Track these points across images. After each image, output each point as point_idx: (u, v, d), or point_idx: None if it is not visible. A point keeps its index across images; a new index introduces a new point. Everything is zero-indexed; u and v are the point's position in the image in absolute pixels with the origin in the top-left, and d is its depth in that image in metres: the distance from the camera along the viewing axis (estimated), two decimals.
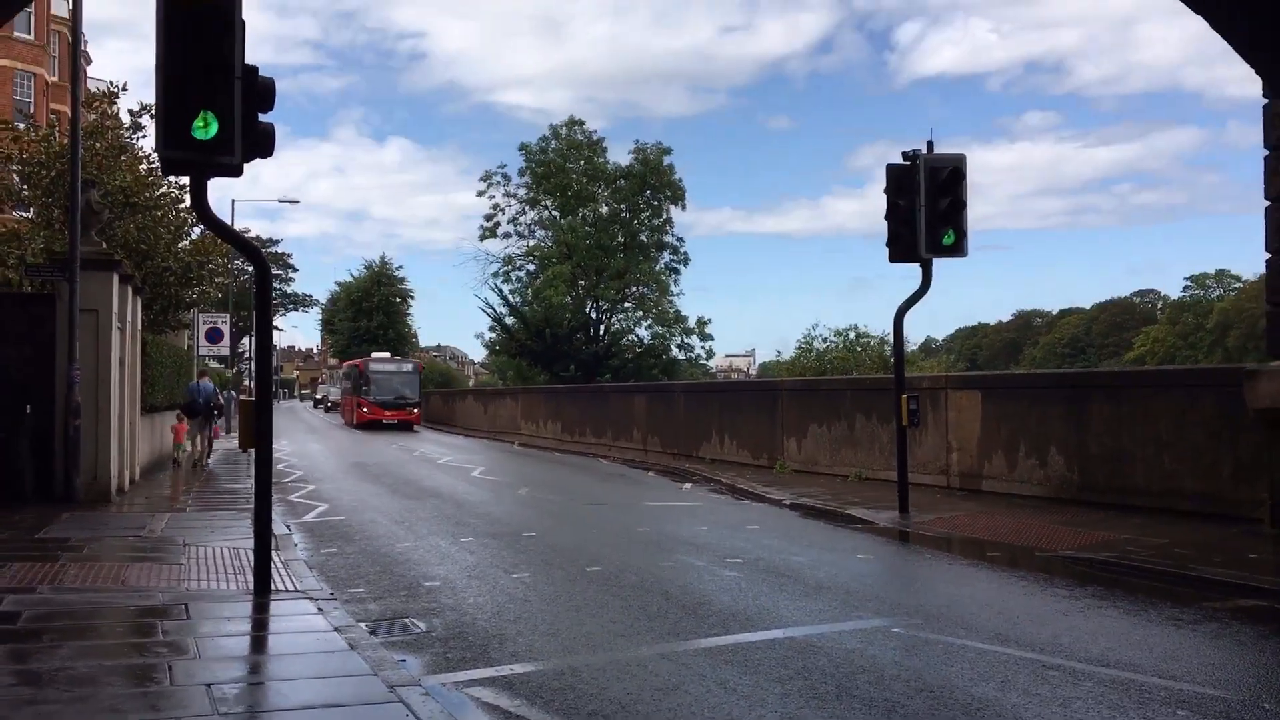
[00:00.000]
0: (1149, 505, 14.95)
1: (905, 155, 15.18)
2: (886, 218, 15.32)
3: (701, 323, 61.11)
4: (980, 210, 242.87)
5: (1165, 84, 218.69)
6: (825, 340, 42.28)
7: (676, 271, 61.69)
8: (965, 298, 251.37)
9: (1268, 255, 13.94)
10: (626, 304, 60.90)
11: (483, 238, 61.52)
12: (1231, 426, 14.08)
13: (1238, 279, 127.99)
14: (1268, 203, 13.88)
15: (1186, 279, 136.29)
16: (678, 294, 61.60)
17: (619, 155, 62.15)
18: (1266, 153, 13.86)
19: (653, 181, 59.17)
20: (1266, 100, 13.87)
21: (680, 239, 62.30)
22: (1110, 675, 7.17)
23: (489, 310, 58.09)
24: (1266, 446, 13.38)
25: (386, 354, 61.06)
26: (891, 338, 17.23)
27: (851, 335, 41.87)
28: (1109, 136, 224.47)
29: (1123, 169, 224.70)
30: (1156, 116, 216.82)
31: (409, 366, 54.27)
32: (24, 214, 25.49)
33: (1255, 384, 13.24)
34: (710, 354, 65.41)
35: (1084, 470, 16.31)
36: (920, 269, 15.33)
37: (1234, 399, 13.73)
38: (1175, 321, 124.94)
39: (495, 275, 60.39)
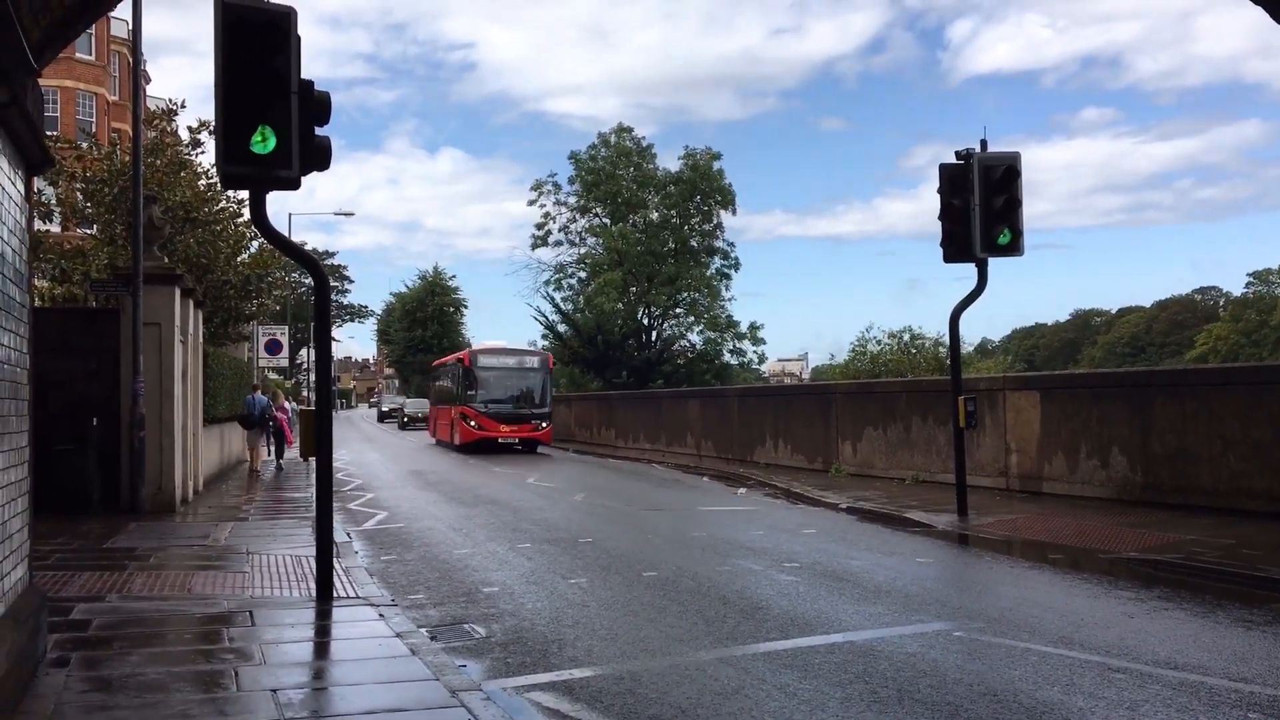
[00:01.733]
0: (1215, 505, 14.66)
1: (959, 154, 15.05)
2: (941, 217, 15.19)
3: (754, 327, 60.99)
4: (1037, 208, 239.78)
5: (1226, 77, 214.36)
6: (879, 343, 42.08)
7: (728, 276, 61.62)
8: (1022, 297, 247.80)
9: None
10: (678, 309, 60.86)
11: (534, 246, 61.91)
12: None
13: None
14: None
15: (1249, 275, 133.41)
16: (729, 299, 61.50)
17: (669, 161, 62.38)
18: None
19: (703, 187, 59.14)
20: None
21: (731, 243, 62.36)
22: (1178, 678, 7.04)
23: (541, 318, 58.28)
24: None
25: (502, 343, 43.69)
26: (947, 339, 17.07)
27: (906, 337, 41.64)
28: (1169, 131, 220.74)
29: (1183, 164, 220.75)
30: (1217, 110, 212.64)
31: (534, 361, 38.88)
32: (88, 231, 26.06)
33: None
34: (763, 358, 65.22)
35: (1147, 470, 16.04)
36: (976, 269, 15.18)
37: None
38: (1238, 319, 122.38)
39: (547, 283, 60.73)
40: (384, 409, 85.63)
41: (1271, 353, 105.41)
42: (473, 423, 36.20)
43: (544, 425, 37.14)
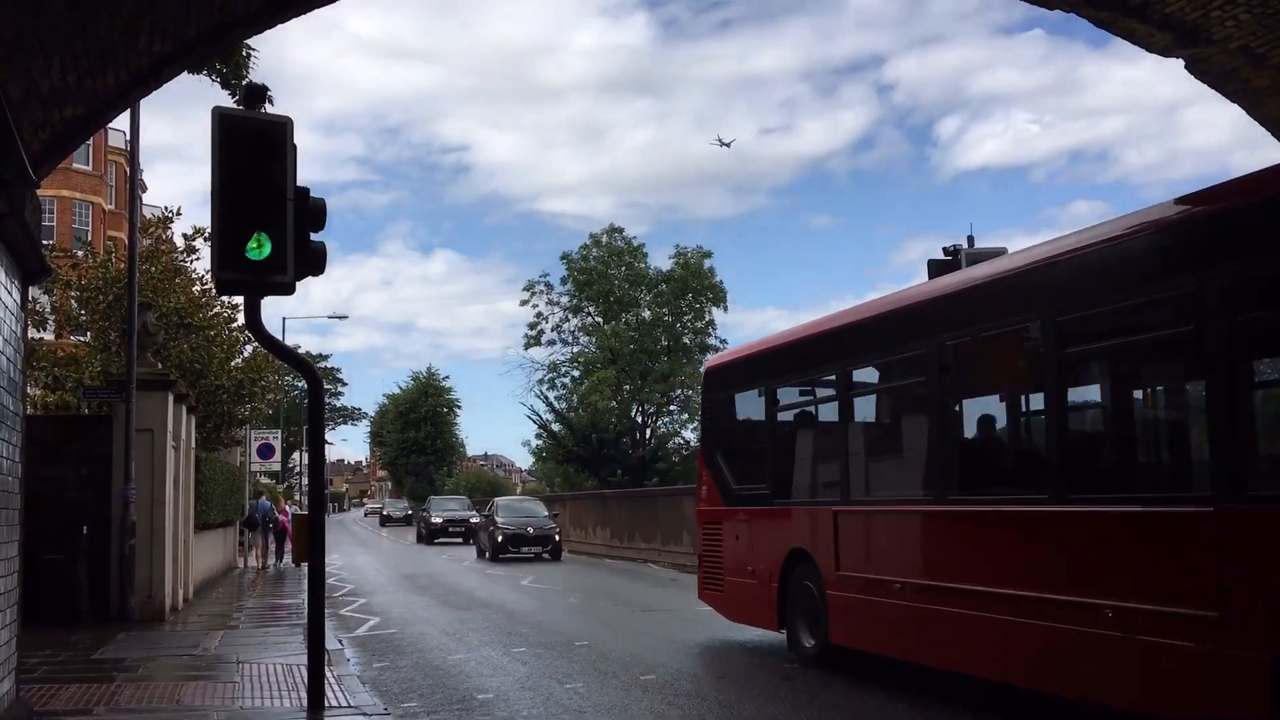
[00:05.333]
0: None
1: (946, 250, 15.26)
2: None
3: None
4: None
5: (1213, 168, 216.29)
6: None
7: None
8: None
9: None
10: (672, 407, 60.92)
11: (527, 346, 62.21)
12: None
13: None
14: None
15: None
16: None
17: (660, 259, 63.08)
18: None
19: (694, 285, 59.79)
20: None
21: (724, 340, 62.52)
22: None
23: (535, 417, 58.30)
24: None
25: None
26: None
27: None
28: None
29: None
30: None
31: None
32: (81, 338, 26.14)
33: None
34: None
35: None
36: None
37: None
38: None
39: (541, 382, 60.87)
40: (434, 519, 47.90)
41: None
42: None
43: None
